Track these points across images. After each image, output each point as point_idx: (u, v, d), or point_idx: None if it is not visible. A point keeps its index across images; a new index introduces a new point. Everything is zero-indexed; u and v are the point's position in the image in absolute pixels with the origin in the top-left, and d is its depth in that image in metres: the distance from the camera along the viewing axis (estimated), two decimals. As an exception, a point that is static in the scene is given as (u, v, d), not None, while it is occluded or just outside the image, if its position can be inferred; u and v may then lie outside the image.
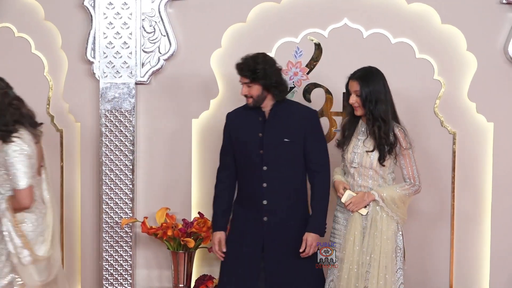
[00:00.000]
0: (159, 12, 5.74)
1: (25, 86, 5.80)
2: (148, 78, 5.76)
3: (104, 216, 5.77)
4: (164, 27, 5.75)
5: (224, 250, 5.02)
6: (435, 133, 5.75)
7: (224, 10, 5.80)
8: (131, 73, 5.75)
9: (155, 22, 5.76)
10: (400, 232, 4.88)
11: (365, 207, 4.83)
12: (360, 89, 4.83)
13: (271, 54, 5.78)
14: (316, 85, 5.79)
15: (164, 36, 5.76)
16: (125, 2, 5.72)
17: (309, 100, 5.79)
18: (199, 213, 5.72)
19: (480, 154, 5.76)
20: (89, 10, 5.75)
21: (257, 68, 4.90)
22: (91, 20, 5.75)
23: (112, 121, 5.75)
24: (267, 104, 4.99)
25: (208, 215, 5.68)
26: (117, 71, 5.75)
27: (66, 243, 5.93)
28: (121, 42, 5.75)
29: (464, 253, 5.80)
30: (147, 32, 5.76)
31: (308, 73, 5.80)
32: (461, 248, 5.80)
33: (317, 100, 5.80)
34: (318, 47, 5.80)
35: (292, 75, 5.80)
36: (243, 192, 5.07)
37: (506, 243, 5.77)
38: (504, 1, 5.63)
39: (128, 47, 5.75)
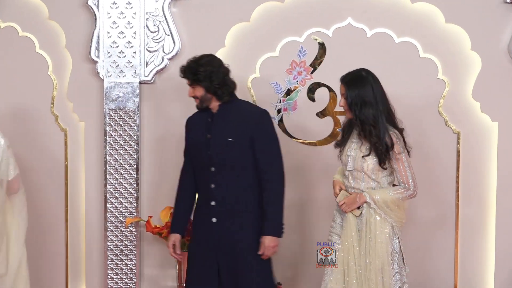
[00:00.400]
0: (163, 12, 5.76)
1: (29, 85, 5.92)
2: (152, 77, 5.78)
3: (108, 215, 5.79)
4: (168, 26, 5.77)
5: (179, 252, 5.03)
6: (439, 132, 5.77)
7: (227, 10, 5.81)
8: (135, 72, 5.77)
9: (159, 21, 5.78)
10: (396, 236, 4.82)
11: (359, 208, 4.81)
12: (346, 93, 4.80)
13: (275, 53, 5.81)
14: (320, 85, 5.81)
15: (168, 35, 5.78)
16: (129, 2, 5.74)
17: (313, 100, 5.81)
18: (204, 212, 5.73)
19: (484, 154, 5.77)
20: (93, 10, 5.76)
21: (199, 71, 4.86)
22: (95, 19, 5.77)
23: (116, 121, 5.77)
24: (215, 105, 4.94)
25: (212, 214, 5.73)
26: (121, 70, 5.77)
27: (71, 243, 5.96)
28: (125, 41, 5.77)
29: (469, 253, 5.82)
30: (151, 32, 5.78)
31: (312, 73, 5.81)
32: (466, 248, 5.81)
33: (321, 100, 5.81)
34: (322, 46, 5.81)
35: (296, 74, 5.82)
36: (198, 193, 5.05)
37: (511, 243, 5.79)
38: (508, 1, 5.63)
39: (132, 46, 5.76)
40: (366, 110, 4.72)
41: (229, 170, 4.85)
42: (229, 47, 5.82)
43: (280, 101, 5.83)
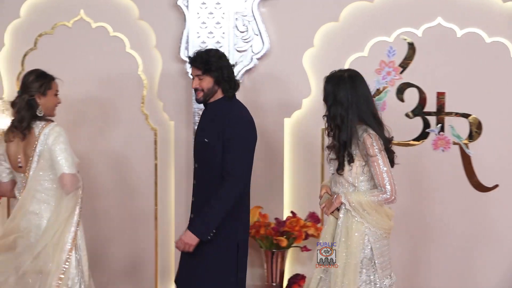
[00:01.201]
0: (252, 12, 5.84)
1: (119, 84, 6.01)
2: (241, 77, 5.86)
3: (197, 214, 5.89)
4: (257, 26, 5.84)
5: None
6: (533, 133, 5.80)
7: (316, 9, 5.88)
8: (224, 72, 5.86)
9: (248, 21, 5.85)
10: (369, 246, 4.66)
11: (338, 210, 4.75)
12: (324, 88, 4.74)
13: (364, 53, 5.86)
14: (409, 85, 5.84)
15: (257, 35, 5.86)
16: (218, 2, 5.82)
17: (402, 100, 5.85)
18: (291, 212, 5.81)
19: None
20: (182, 10, 5.86)
21: (210, 60, 4.86)
22: (185, 19, 5.86)
23: (205, 120, 5.86)
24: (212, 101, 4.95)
25: (301, 214, 5.79)
26: (211, 70, 5.85)
27: (161, 241, 6.07)
28: (214, 41, 5.86)
29: None
30: (240, 32, 5.86)
31: (401, 73, 5.85)
32: None
33: (410, 100, 5.85)
34: (411, 46, 5.84)
35: (385, 74, 5.86)
36: None
37: None
38: None
39: (221, 46, 5.85)
40: (335, 108, 4.63)
41: (208, 168, 4.87)
42: (318, 47, 5.88)
43: (369, 101, 5.87)
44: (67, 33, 6.03)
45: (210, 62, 4.84)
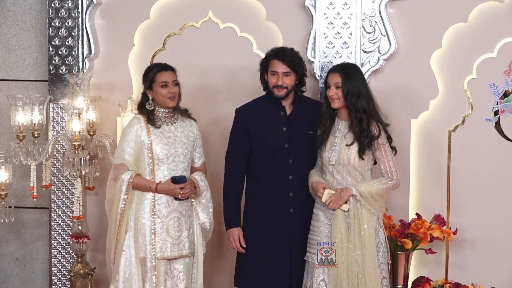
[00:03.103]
0: (379, 12, 5.99)
1: (247, 85, 6.23)
2: (368, 78, 5.97)
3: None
4: (384, 27, 5.99)
5: (244, 245, 5.34)
6: None
7: (444, 10, 5.98)
8: (350, 72, 6.04)
9: (375, 22, 6.01)
10: (382, 228, 5.17)
11: (346, 202, 5.06)
12: (341, 82, 5.09)
13: (493, 54, 5.95)
14: (540, 86, 5.92)
15: (384, 36, 6.01)
16: (345, 2, 6.01)
17: (532, 102, 5.94)
18: (416, 214, 5.92)
19: None
20: (310, 10, 6.05)
21: (296, 58, 5.29)
22: (312, 20, 6.05)
23: (330, 120, 6.05)
24: (288, 98, 5.33)
25: (426, 216, 5.91)
26: (337, 70, 6.04)
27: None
28: (341, 42, 6.05)
29: None
30: (367, 32, 6.03)
31: (532, 74, 5.93)
32: None
33: (541, 102, 5.93)
34: (542, 47, 5.92)
35: (515, 76, 5.95)
36: (263, 186, 5.34)
37: None
38: None
39: (348, 47, 6.03)
40: (361, 100, 5.06)
41: (305, 161, 5.29)
42: (446, 48, 5.99)
43: (497, 103, 5.96)
44: (195, 34, 6.29)
45: (297, 61, 5.29)
